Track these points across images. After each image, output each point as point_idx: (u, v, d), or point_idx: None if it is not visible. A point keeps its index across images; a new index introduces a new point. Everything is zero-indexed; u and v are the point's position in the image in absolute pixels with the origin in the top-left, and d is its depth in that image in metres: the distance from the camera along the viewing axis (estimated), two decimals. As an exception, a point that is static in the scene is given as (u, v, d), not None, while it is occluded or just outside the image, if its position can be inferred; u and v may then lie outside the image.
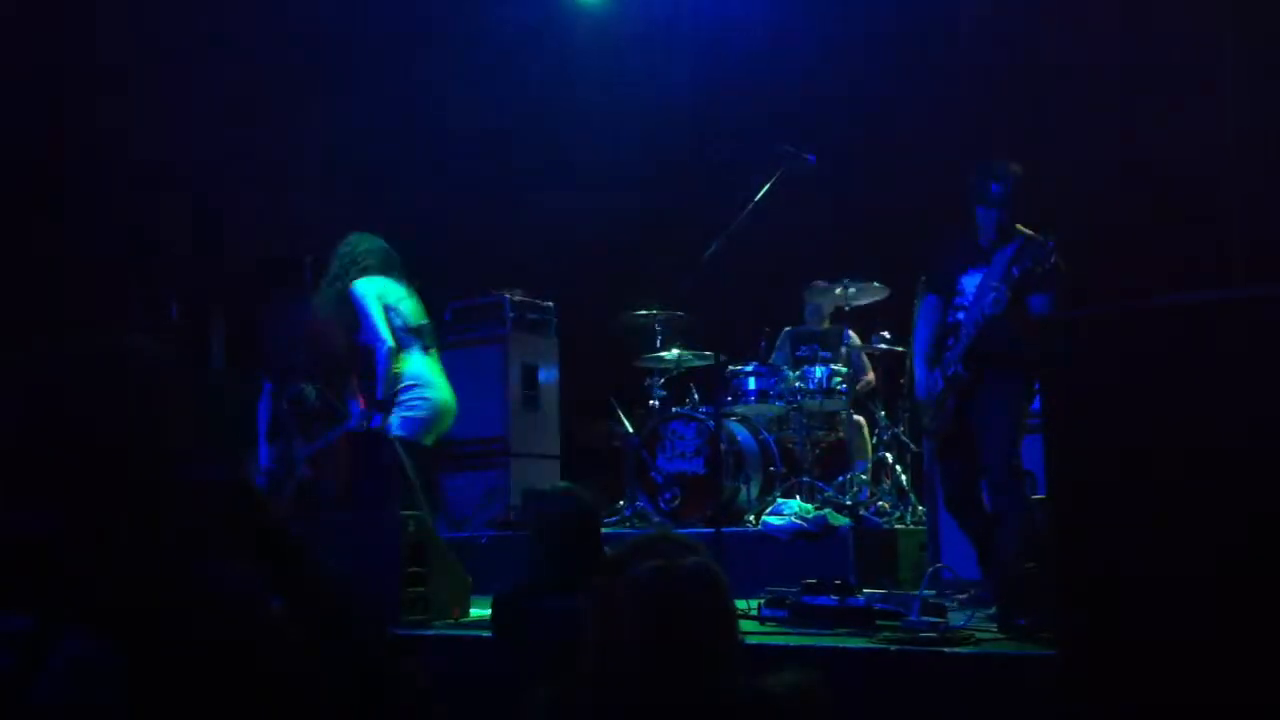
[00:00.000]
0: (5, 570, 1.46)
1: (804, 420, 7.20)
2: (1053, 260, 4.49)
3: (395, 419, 5.74)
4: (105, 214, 7.83)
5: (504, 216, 9.00)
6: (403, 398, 5.77)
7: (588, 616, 1.94)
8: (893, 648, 3.94)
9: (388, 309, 5.79)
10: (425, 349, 5.91)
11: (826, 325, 7.66)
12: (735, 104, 8.20)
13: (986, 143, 5.20)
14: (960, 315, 4.85)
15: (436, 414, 5.86)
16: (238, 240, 7.47)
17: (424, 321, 5.95)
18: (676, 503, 6.99)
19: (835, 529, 6.07)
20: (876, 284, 7.34)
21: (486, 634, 4.76)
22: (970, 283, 4.85)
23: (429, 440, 5.91)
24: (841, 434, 7.35)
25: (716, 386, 6.24)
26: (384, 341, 5.69)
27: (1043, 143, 6.68)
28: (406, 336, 5.83)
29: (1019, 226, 4.79)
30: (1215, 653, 2.69)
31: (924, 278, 5.10)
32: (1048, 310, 4.63)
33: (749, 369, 7.36)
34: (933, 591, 4.90)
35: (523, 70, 8.59)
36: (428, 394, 5.82)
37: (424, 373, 5.85)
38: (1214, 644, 2.69)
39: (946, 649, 3.87)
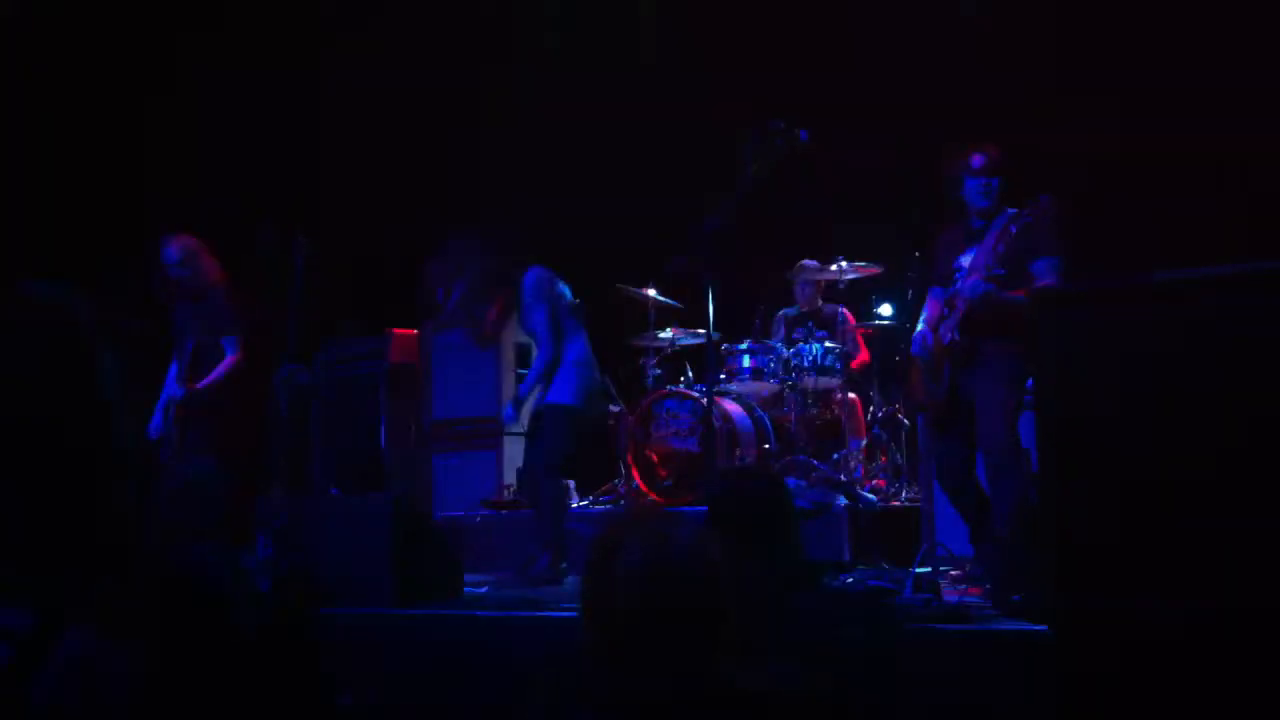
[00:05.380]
0: None
1: (798, 398, 7.17)
2: (1050, 214, 4.43)
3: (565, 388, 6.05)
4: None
5: (496, 193, 8.96)
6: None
7: (582, 598, 1.90)
8: (886, 625, 3.92)
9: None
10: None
11: (819, 305, 7.64)
12: (726, 76, 8.14)
13: (981, 116, 5.15)
14: (958, 284, 4.81)
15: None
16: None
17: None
18: (670, 481, 6.97)
19: (830, 506, 6.06)
20: (870, 261, 7.30)
21: (480, 613, 4.75)
22: (968, 258, 4.81)
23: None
24: (836, 411, 7.33)
25: (710, 365, 6.20)
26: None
27: (1043, 116, 6.63)
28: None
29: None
30: (1208, 628, 2.68)
31: (928, 278, 5.07)
32: (1050, 279, 4.55)
33: (743, 347, 7.33)
34: (927, 569, 4.89)
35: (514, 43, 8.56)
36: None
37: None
38: (1208, 620, 2.68)
39: (940, 626, 3.86)
